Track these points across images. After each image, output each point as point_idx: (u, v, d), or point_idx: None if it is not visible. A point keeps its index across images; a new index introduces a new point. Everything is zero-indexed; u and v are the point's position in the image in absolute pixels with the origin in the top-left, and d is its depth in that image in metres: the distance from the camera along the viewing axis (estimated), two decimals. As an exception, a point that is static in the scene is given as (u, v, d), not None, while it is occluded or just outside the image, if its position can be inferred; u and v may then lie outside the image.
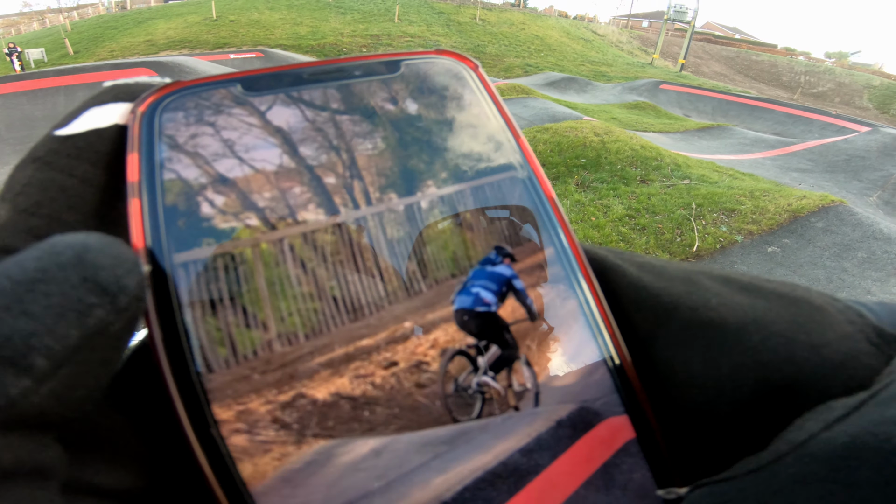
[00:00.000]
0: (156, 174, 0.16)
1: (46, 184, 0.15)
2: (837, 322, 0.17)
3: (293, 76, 0.18)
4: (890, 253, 4.35)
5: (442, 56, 0.20)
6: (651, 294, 0.17)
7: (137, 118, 0.16)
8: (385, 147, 0.17)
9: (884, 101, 26.91)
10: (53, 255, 0.12)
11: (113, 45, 19.52)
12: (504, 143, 0.19)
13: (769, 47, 40.77)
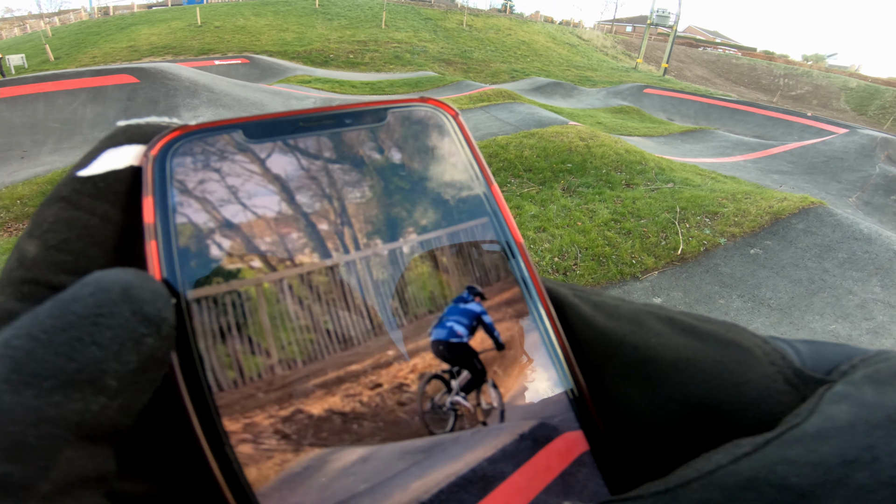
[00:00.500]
0: (169, 218, 0.18)
1: (72, 222, 0.17)
2: (760, 363, 0.19)
3: (289, 123, 0.20)
4: (870, 253, 4.45)
5: (425, 104, 0.22)
6: (600, 332, 0.20)
7: (150, 161, 0.18)
8: (372, 195, 0.20)
9: (861, 103, 27.60)
10: (105, 292, 0.14)
11: (95, 51, 19.25)
12: (478, 191, 0.21)
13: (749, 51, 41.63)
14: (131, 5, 32.87)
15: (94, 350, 0.13)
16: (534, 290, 0.21)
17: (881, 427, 0.15)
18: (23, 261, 0.16)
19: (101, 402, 0.13)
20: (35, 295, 0.16)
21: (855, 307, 3.95)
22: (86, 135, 7.07)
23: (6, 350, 0.12)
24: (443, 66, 20.34)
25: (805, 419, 0.16)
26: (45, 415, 0.12)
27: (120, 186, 0.18)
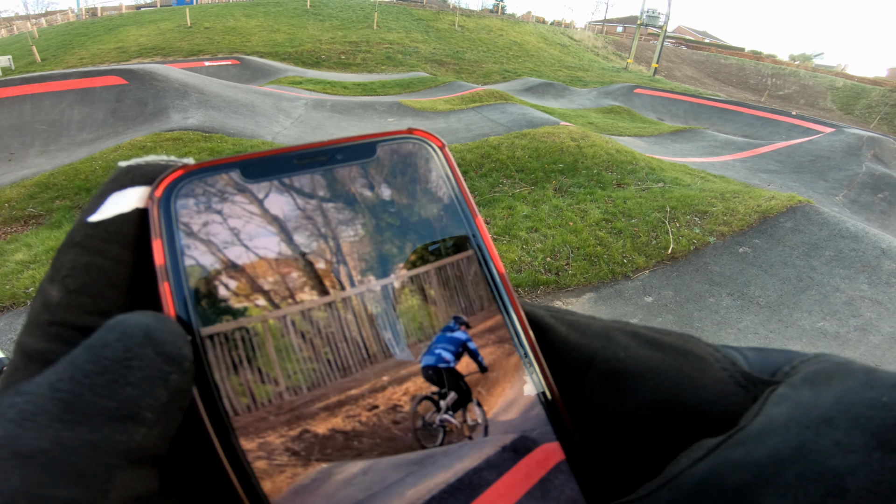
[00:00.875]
0: (178, 260, 0.19)
1: (88, 267, 0.18)
2: (714, 369, 0.21)
3: (285, 160, 0.21)
4: (857, 251, 4.51)
5: (413, 136, 0.23)
6: (575, 348, 0.22)
7: (155, 204, 0.19)
8: (364, 232, 0.21)
9: (847, 103, 27.98)
10: (130, 337, 0.16)
11: (82, 53, 19.01)
12: (463, 224, 0.23)
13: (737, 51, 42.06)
14: (119, 6, 32.52)
15: (129, 389, 0.15)
16: (514, 314, 0.22)
17: (811, 427, 0.16)
18: (48, 305, 0.18)
19: (143, 433, 0.15)
20: (62, 336, 0.17)
21: (842, 304, 4.01)
22: (73, 136, 6.98)
23: (55, 393, 0.14)
24: (435, 67, 20.34)
25: (750, 422, 0.18)
26: (99, 447, 0.14)
27: (128, 229, 0.19)
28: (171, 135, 6.08)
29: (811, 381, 0.18)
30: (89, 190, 5.14)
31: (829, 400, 0.17)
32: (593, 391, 0.21)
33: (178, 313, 0.19)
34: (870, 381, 0.17)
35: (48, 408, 0.14)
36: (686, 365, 0.21)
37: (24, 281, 3.28)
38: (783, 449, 0.16)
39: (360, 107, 9.70)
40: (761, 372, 0.21)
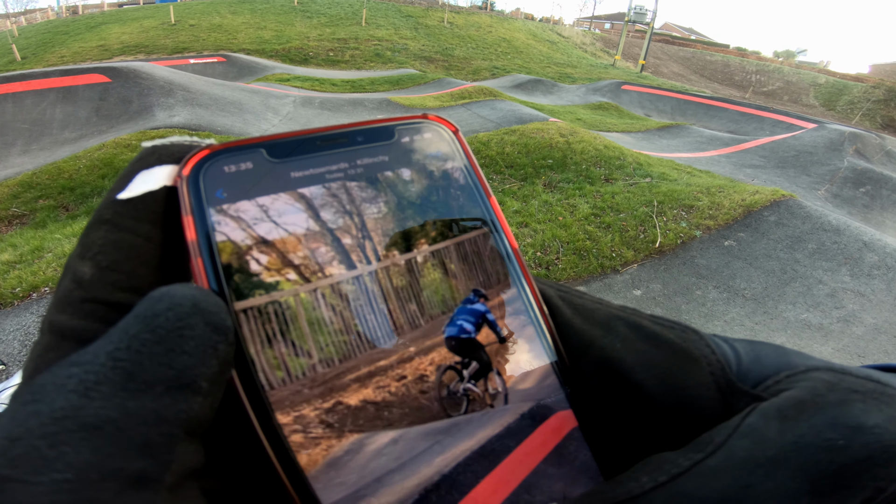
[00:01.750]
0: (210, 235, 0.19)
1: (119, 244, 0.18)
2: (702, 372, 0.22)
3: (308, 142, 0.22)
4: (839, 243, 4.58)
5: (428, 120, 0.24)
6: (576, 332, 0.23)
7: (184, 182, 0.20)
8: (387, 209, 0.22)
9: (829, 99, 28.43)
10: (179, 306, 0.16)
11: (63, 51, 18.60)
12: (478, 202, 0.24)
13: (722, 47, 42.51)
14: (101, 4, 31.87)
15: (186, 358, 0.15)
16: (528, 289, 0.24)
17: (763, 466, 0.17)
18: (80, 282, 0.18)
19: (199, 402, 0.15)
20: (96, 312, 0.17)
21: (825, 296, 4.08)
22: (56, 135, 6.85)
23: (115, 362, 0.14)
24: (424, 64, 20.27)
25: (713, 452, 0.18)
26: (163, 415, 0.14)
27: (157, 207, 0.19)
28: (156, 133, 6.00)
29: (783, 414, 0.19)
30: (73, 189, 5.06)
31: (790, 438, 0.18)
32: (588, 375, 0.23)
33: (211, 288, 0.19)
34: (836, 421, 0.18)
35: (111, 377, 0.14)
36: (676, 364, 0.22)
37: (11, 281, 3.23)
38: (732, 488, 0.17)
39: (349, 104, 9.65)
40: (749, 373, 0.22)
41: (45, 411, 0.13)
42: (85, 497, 0.12)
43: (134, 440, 0.13)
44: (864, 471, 0.17)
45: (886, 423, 0.18)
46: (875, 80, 31.34)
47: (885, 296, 4.06)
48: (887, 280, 4.20)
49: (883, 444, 0.17)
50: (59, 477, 0.12)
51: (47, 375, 0.14)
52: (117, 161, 5.41)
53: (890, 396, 0.19)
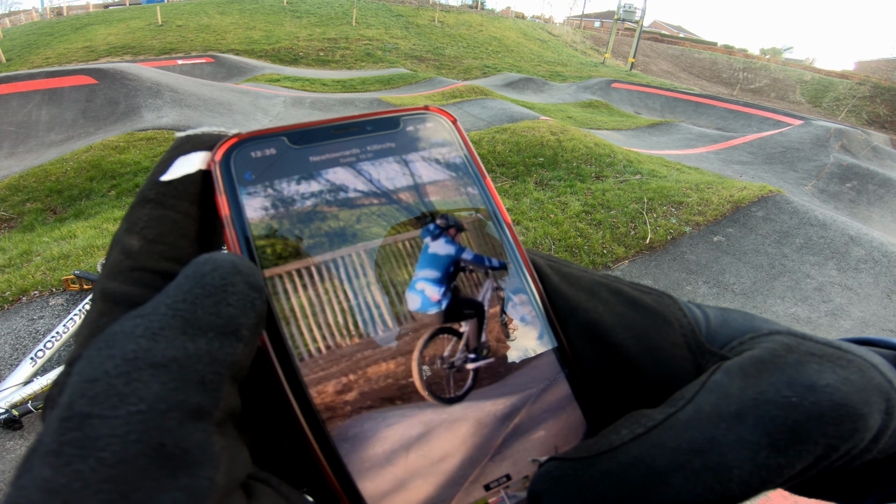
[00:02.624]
0: (242, 212, 0.22)
1: (163, 219, 0.21)
2: (675, 333, 0.24)
3: (323, 130, 0.24)
4: (825, 238, 4.63)
5: (429, 111, 0.27)
6: (563, 297, 0.25)
7: (217, 166, 0.22)
8: (394, 189, 0.25)
9: (815, 95, 28.78)
10: (221, 268, 0.18)
11: (48, 52, 18.34)
12: (475, 184, 0.27)
13: (710, 45, 42.88)
14: (86, 5, 31.46)
15: (231, 309, 0.17)
16: (521, 261, 0.26)
17: (726, 420, 0.18)
18: (128, 253, 0.20)
19: (241, 348, 0.17)
20: (143, 279, 0.19)
21: (813, 290, 4.14)
22: (42, 138, 6.76)
23: (175, 311, 0.16)
24: (415, 63, 20.25)
25: (683, 407, 0.20)
26: (215, 357, 0.16)
27: (194, 188, 0.22)
28: (144, 134, 5.94)
29: (745, 372, 0.20)
30: (60, 192, 5.00)
31: (751, 395, 0.19)
32: (574, 338, 0.25)
33: (243, 255, 0.21)
34: (792, 379, 0.19)
35: (172, 323, 0.16)
36: (652, 326, 0.24)
37: (0, 285, 3.19)
38: (699, 439, 0.18)
39: (340, 104, 9.62)
40: (718, 335, 0.24)
41: (118, 354, 0.15)
42: (155, 425, 0.14)
43: (192, 377, 0.15)
44: (815, 427, 0.18)
45: (838, 384, 0.19)
46: (860, 76, 31.79)
47: (872, 289, 4.12)
48: (874, 274, 4.26)
49: (833, 403, 0.18)
50: (134, 409, 0.14)
51: (115, 326, 0.16)
52: (105, 163, 5.35)
53: (847, 360, 0.20)
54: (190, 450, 0.14)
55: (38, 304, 3.07)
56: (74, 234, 3.97)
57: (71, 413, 0.14)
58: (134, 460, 0.13)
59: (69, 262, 3.40)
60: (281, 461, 0.21)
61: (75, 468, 0.13)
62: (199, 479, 0.14)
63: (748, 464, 0.18)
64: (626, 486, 0.19)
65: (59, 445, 0.14)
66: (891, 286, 4.14)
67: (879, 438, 0.20)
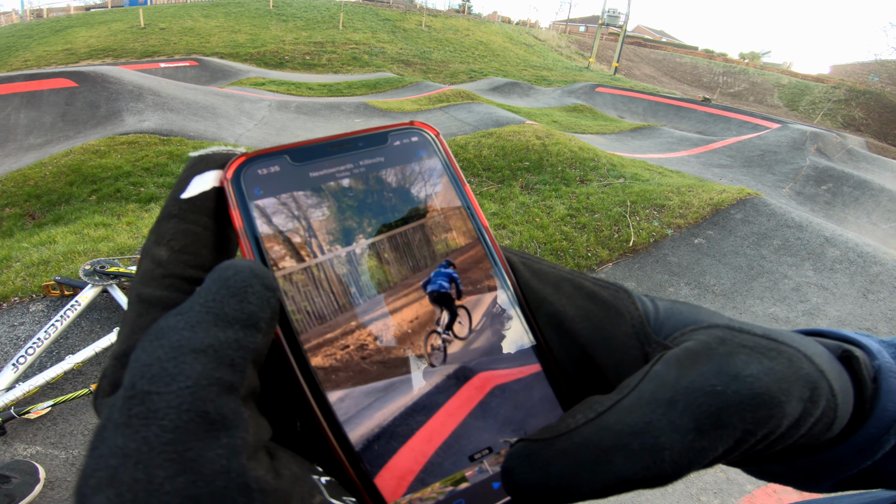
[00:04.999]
0: (253, 223, 0.25)
1: (186, 232, 0.24)
2: (626, 324, 0.26)
3: (321, 147, 0.27)
4: (802, 239, 4.72)
5: (414, 127, 0.30)
6: (532, 292, 0.28)
7: (229, 183, 0.25)
8: (385, 198, 0.28)
9: (792, 99, 29.43)
10: (241, 272, 0.21)
11: (27, 55, 17.93)
12: (457, 190, 0.30)
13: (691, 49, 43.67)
14: (67, 7, 30.87)
15: (251, 306, 0.20)
16: (498, 260, 0.29)
17: (662, 406, 0.21)
18: (159, 262, 0.23)
19: (260, 338, 0.20)
20: (174, 284, 0.23)
21: (791, 290, 4.22)
22: (20, 141, 6.62)
23: (208, 308, 0.20)
24: (402, 67, 20.26)
25: (628, 394, 0.22)
26: (241, 343, 0.19)
27: (210, 203, 0.25)
28: (125, 138, 5.86)
29: (680, 362, 0.22)
30: (39, 197, 4.90)
31: (684, 383, 0.21)
32: (542, 326, 0.28)
33: (257, 261, 0.24)
34: (720, 370, 0.21)
35: (206, 318, 0.19)
36: (606, 318, 0.26)
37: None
38: (639, 423, 0.21)
39: (326, 108, 9.59)
40: (664, 326, 0.26)
41: (167, 344, 0.18)
42: (200, 397, 0.17)
43: (225, 360, 0.18)
44: (734, 413, 0.20)
45: (761, 374, 0.21)
46: (835, 80, 32.66)
47: (848, 289, 4.22)
48: (849, 273, 4.36)
49: (753, 392, 0.21)
50: (183, 385, 0.17)
51: (161, 322, 0.19)
52: (85, 167, 5.26)
53: (778, 352, 0.22)
54: (227, 416, 0.18)
55: (18, 311, 3.01)
56: (54, 239, 3.90)
57: (134, 391, 0.17)
58: (186, 426, 0.17)
59: (49, 267, 3.34)
60: (293, 443, 0.24)
61: (143, 435, 0.16)
62: (235, 439, 0.17)
63: (678, 445, 0.20)
64: (579, 463, 0.21)
65: (127, 418, 0.17)
66: (866, 286, 4.24)
67: (800, 424, 0.22)
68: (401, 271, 0.28)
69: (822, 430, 0.24)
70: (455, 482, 0.25)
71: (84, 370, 2.71)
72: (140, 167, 4.99)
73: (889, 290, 4.17)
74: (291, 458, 0.21)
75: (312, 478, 0.21)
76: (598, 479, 0.21)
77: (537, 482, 0.22)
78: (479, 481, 0.25)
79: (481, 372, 0.27)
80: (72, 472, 2.24)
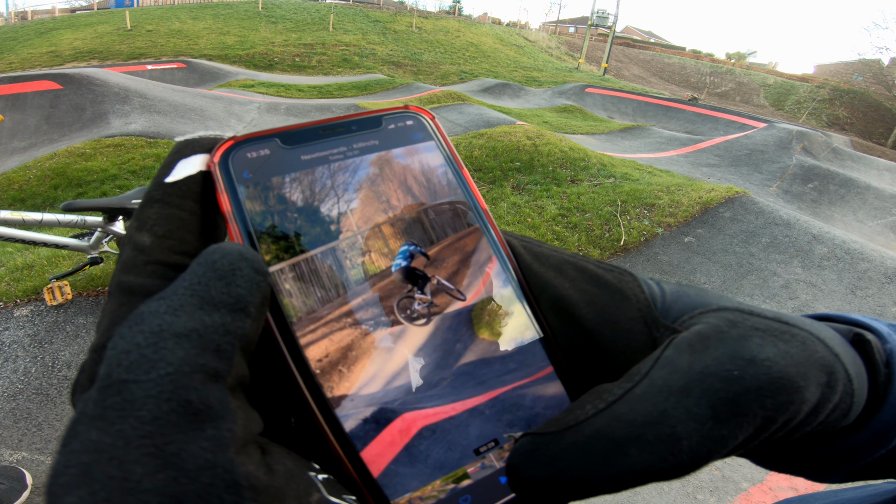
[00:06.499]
0: (241, 207, 0.24)
1: (170, 217, 0.22)
2: (632, 308, 0.25)
3: (312, 131, 0.27)
4: (790, 237, 4.76)
5: (409, 110, 0.29)
6: (534, 275, 0.27)
7: (217, 166, 0.24)
8: (379, 182, 0.27)
9: (778, 99, 29.87)
10: (229, 255, 0.20)
11: (11, 57, 17.63)
12: (453, 174, 0.29)
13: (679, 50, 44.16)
14: (52, 9, 30.47)
15: (239, 290, 0.19)
16: (497, 241, 0.28)
17: (675, 394, 0.20)
18: (141, 248, 0.22)
19: (249, 323, 0.19)
20: (157, 272, 0.21)
21: (780, 287, 4.26)
22: (5, 145, 6.51)
23: (192, 291, 0.18)
24: (392, 69, 20.24)
25: (639, 382, 0.21)
26: (228, 328, 0.18)
27: (196, 187, 0.23)
28: (111, 141, 5.78)
29: (692, 347, 0.21)
30: (24, 200, 4.82)
31: (697, 369, 0.20)
32: (545, 311, 0.27)
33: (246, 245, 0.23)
34: (734, 354, 0.20)
35: (190, 302, 0.18)
36: (612, 301, 0.25)
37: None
38: (653, 412, 0.20)
39: (316, 109, 9.55)
40: (672, 309, 0.25)
41: (147, 329, 0.17)
42: (182, 385, 0.16)
43: (210, 345, 0.17)
44: (753, 400, 0.19)
45: (777, 357, 0.20)
46: (820, 79, 33.23)
47: (836, 285, 4.27)
48: (837, 270, 4.41)
49: (771, 376, 0.19)
50: (163, 372, 0.16)
51: (142, 307, 0.18)
52: (70, 171, 5.18)
53: (792, 335, 0.21)
54: (212, 406, 0.16)
55: (2, 316, 2.95)
56: (38, 244, 3.82)
57: (110, 381, 0.16)
58: (166, 416, 0.15)
59: (33, 272, 3.28)
60: (288, 440, 0.22)
61: (118, 427, 0.15)
62: (222, 431, 0.16)
63: (695, 435, 0.19)
64: (590, 456, 0.20)
65: (102, 410, 0.16)
66: (854, 282, 4.29)
67: (819, 411, 0.21)
68: (395, 255, 0.27)
69: (839, 416, 0.23)
70: (457, 479, 0.24)
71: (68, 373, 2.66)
72: (126, 170, 4.92)
73: (877, 286, 4.23)
74: (286, 454, 0.20)
75: (309, 475, 0.19)
76: (612, 473, 0.20)
77: (546, 478, 0.21)
78: (485, 477, 0.24)
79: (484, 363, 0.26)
80: (57, 481, 2.19)
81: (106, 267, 3.29)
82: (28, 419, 2.43)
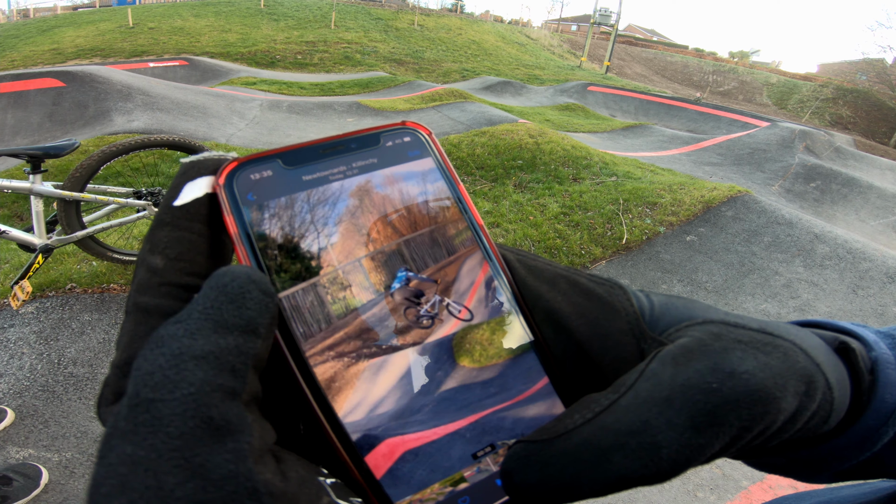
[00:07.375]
0: (248, 229, 0.24)
1: (180, 240, 0.23)
2: (621, 321, 0.26)
3: (313, 150, 0.27)
4: (792, 236, 4.74)
5: (406, 127, 0.30)
6: (528, 289, 0.28)
7: (222, 189, 0.25)
8: (379, 199, 0.28)
9: (781, 97, 29.76)
10: (238, 278, 0.21)
11: (14, 55, 17.64)
12: (451, 188, 0.30)
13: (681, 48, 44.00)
14: (54, 7, 30.47)
15: (249, 312, 0.20)
16: (494, 258, 0.29)
17: (658, 405, 0.21)
18: (154, 271, 0.23)
19: (259, 343, 0.20)
20: (171, 293, 0.22)
21: (782, 287, 4.25)
22: (7, 142, 6.51)
23: (207, 315, 0.20)
24: (394, 67, 20.21)
25: (624, 393, 0.22)
26: (241, 349, 0.19)
27: (203, 209, 0.24)
28: (114, 138, 5.78)
29: (675, 360, 0.22)
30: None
31: (679, 381, 0.21)
32: (539, 323, 0.28)
33: (253, 266, 0.24)
34: (715, 367, 0.21)
35: (205, 325, 0.19)
36: (602, 314, 0.26)
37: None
38: (636, 422, 0.21)
39: (318, 107, 9.54)
40: (660, 322, 0.26)
41: (168, 352, 0.18)
42: (204, 403, 0.17)
43: (226, 366, 0.19)
44: (730, 411, 0.20)
45: (756, 370, 0.21)
46: (823, 79, 33.08)
47: (838, 285, 4.26)
48: (839, 270, 4.39)
49: (749, 388, 0.21)
50: (186, 392, 0.17)
51: (161, 330, 0.20)
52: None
53: (774, 346, 0.23)
54: (231, 421, 0.18)
55: (7, 313, 2.97)
56: (43, 242, 3.84)
57: (139, 400, 0.17)
58: (192, 432, 0.17)
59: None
60: (298, 446, 0.24)
61: (150, 442, 0.17)
62: (241, 443, 0.17)
63: (675, 444, 0.20)
64: (579, 463, 0.21)
65: (134, 426, 0.17)
66: (855, 281, 4.28)
67: (797, 419, 0.22)
68: (396, 272, 0.27)
69: (818, 423, 0.24)
70: (454, 482, 0.25)
71: (82, 375, 2.67)
72: (130, 167, 4.92)
73: (878, 286, 4.23)
74: (297, 460, 0.21)
75: (319, 479, 0.21)
76: (599, 479, 0.21)
77: (537, 483, 0.22)
78: (482, 479, 0.25)
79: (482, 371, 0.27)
80: (65, 474, 2.21)
81: (102, 265, 3.30)
82: (34, 416, 2.45)
